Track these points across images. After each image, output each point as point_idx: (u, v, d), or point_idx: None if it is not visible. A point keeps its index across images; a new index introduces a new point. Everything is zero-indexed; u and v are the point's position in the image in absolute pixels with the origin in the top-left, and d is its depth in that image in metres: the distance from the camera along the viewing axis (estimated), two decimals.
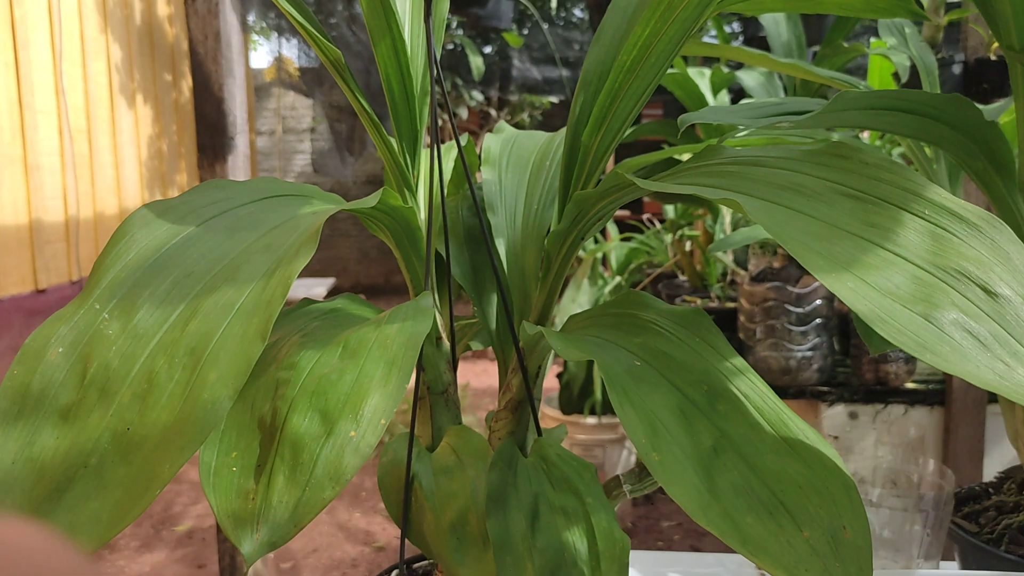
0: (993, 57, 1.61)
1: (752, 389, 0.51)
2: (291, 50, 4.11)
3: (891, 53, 1.38)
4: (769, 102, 0.72)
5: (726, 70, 2.02)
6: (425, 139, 0.74)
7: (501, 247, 0.71)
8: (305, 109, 7.19)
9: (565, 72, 4.62)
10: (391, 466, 0.64)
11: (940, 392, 1.75)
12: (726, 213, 2.12)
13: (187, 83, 4.50)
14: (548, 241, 0.62)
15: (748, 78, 1.93)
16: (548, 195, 0.72)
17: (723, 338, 0.54)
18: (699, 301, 2.17)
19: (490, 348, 0.75)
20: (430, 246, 0.64)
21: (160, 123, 4.14)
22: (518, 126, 5.80)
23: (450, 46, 4.45)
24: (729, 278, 2.27)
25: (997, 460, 1.75)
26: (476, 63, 3.76)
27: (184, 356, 0.43)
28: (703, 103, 1.99)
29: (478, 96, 5.13)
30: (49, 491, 0.41)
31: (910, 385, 1.76)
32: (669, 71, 1.79)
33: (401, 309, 0.54)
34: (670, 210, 2.67)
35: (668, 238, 2.65)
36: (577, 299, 2.88)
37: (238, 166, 1.70)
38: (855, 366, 1.75)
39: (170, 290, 0.46)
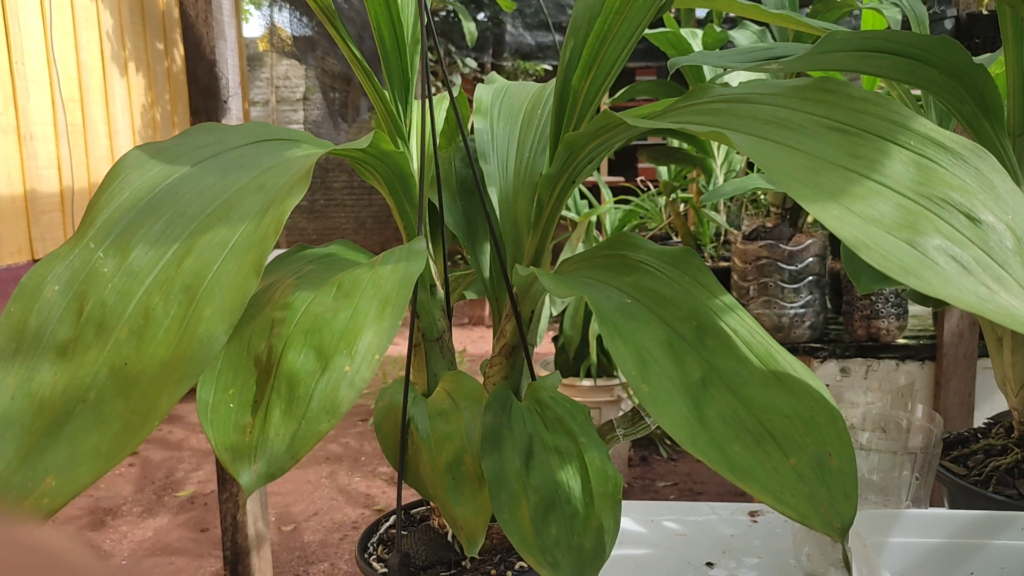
0: (985, 12, 1.61)
1: (741, 325, 0.52)
2: (283, 19, 4.07)
3: (883, 7, 1.37)
4: (759, 47, 0.72)
5: (719, 30, 2.02)
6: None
7: (494, 195, 0.71)
8: (298, 79, 7.14)
9: (559, 37, 4.59)
10: (388, 411, 0.65)
11: (931, 347, 1.76)
12: (719, 174, 2.12)
13: (179, 51, 4.46)
14: (540, 185, 0.63)
15: (741, 37, 1.92)
16: (540, 143, 0.72)
17: (712, 276, 0.55)
18: None
19: (487, 317, 0.75)
20: (422, 191, 0.64)
21: (153, 92, 4.12)
22: None
23: (443, 12, 4.41)
24: (723, 238, 2.28)
25: (988, 414, 1.76)
26: (469, 29, 3.73)
27: (180, 293, 0.44)
28: None
29: (471, 63, 5.10)
30: (48, 425, 0.41)
31: (901, 341, 1.77)
32: (661, 30, 1.79)
33: (394, 252, 0.55)
34: (664, 172, 2.67)
35: (662, 201, 2.66)
36: None
37: None
38: (847, 323, 1.76)
39: (164, 230, 0.46)
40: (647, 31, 1.71)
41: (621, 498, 0.57)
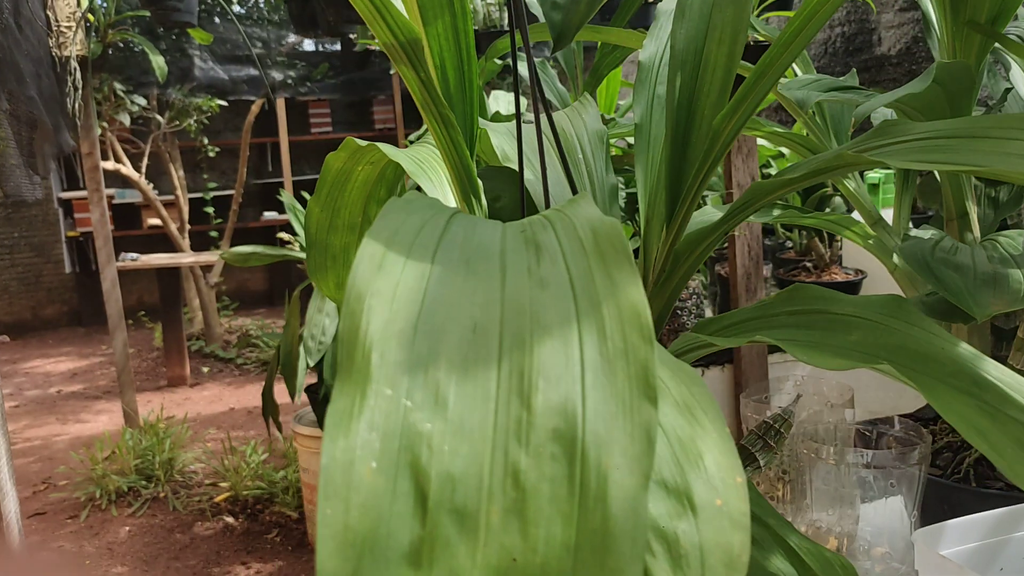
0: (751, 43, 1.75)
1: (998, 371, 0.48)
2: None
3: None
4: (813, 77, 0.70)
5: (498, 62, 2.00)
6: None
7: None
8: None
9: (254, 72, 4.33)
10: None
11: (728, 351, 1.88)
12: None
13: None
14: (680, 245, 0.55)
15: None
16: (605, 189, 0.64)
17: (934, 322, 0.51)
18: None
19: (188, 376, 0.65)
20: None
21: None
22: (183, 132, 5.29)
23: (120, 44, 3.95)
24: None
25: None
26: (158, 63, 3.36)
27: (548, 443, 0.31)
28: None
29: (140, 100, 4.62)
30: None
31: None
32: None
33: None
34: None
35: None
36: (324, 308, 2.72)
37: None
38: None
39: (466, 355, 0.33)
40: None
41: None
